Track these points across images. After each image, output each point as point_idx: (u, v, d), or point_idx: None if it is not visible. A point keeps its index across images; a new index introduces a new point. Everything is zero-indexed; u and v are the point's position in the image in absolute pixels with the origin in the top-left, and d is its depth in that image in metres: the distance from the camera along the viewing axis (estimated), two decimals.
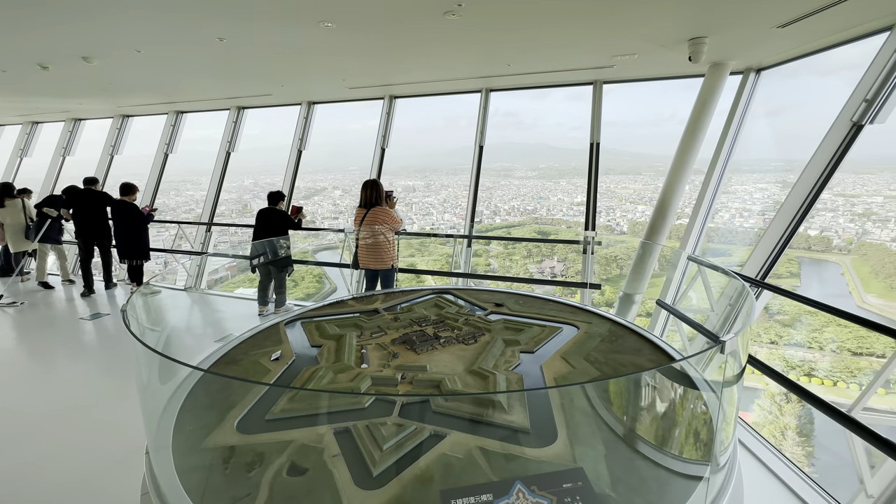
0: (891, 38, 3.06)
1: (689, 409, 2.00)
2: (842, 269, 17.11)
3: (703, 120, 4.32)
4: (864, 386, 2.30)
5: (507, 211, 22.51)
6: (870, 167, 17.52)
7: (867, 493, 2.13)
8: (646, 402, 1.94)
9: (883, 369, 2.06)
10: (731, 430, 1.84)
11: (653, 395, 1.94)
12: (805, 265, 17.54)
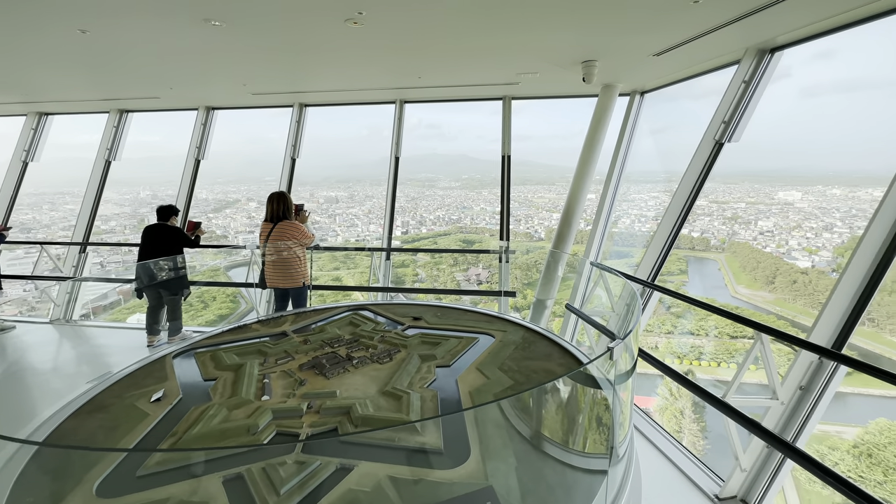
0: (738, 70, 3.62)
1: (591, 407, 2.09)
2: (718, 265, 19.92)
3: (598, 136, 4.74)
4: (739, 364, 2.62)
5: (433, 221, 22.69)
6: (734, 178, 20.75)
7: (741, 467, 2.42)
8: (553, 405, 2.00)
9: (745, 361, 2.37)
10: (627, 423, 1.95)
11: (559, 399, 2.00)
12: (691, 263, 20.16)
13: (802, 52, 3.16)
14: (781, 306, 19.78)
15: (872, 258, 2.40)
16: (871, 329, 16.88)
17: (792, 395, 2.41)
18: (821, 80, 27.91)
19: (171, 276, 4.57)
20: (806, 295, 19.12)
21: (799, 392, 2.41)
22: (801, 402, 2.40)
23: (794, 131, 29.95)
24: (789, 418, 2.43)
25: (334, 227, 20.27)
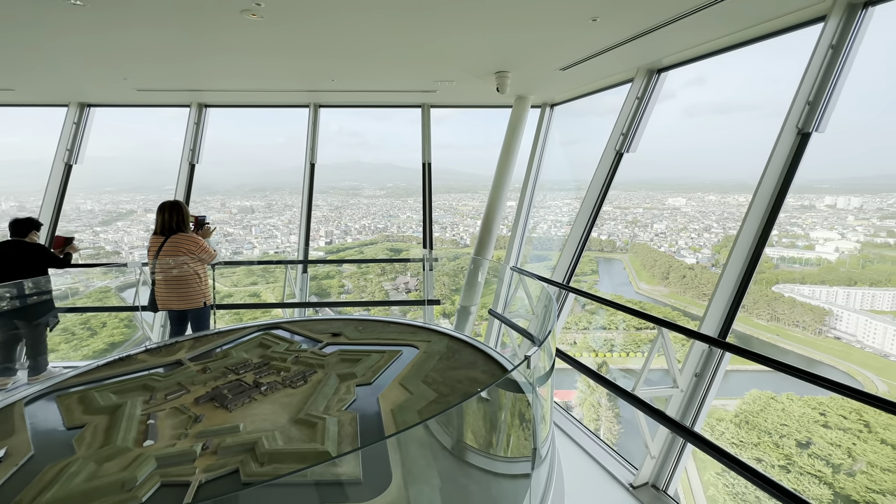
0: (632, 88, 4.00)
1: (513, 412, 2.09)
2: (623, 264, 22.06)
3: (513, 145, 4.94)
4: (645, 353, 2.82)
5: (359, 230, 22.12)
6: (633, 186, 23.21)
7: (651, 454, 2.60)
8: (476, 414, 1.95)
9: (649, 354, 2.58)
10: (548, 422, 1.97)
11: (482, 407, 1.95)
12: (601, 263, 22.12)
13: (682, 76, 3.58)
14: (675, 298, 22.54)
15: (745, 256, 2.75)
16: (742, 314, 19.87)
17: (689, 383, 2.65)
18: (698, 102, 32.68)
19: (30, 302, 3.78)
20: (693, 287, 22.07)
21: (695, 379, 2.66)
22: (696, 388, 2.66)
23: (678, 145, 34.45)
24: (688, 404, 2.67)
25: (250, 239, 18.82)
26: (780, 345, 18.66)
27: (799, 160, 2.68)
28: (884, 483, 14.34)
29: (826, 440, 15.64)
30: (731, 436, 17.99)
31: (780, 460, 16.32)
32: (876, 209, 19.65)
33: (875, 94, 26.66)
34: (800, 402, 16.14)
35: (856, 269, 18.39)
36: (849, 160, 27.07)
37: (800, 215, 21.38)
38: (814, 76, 2.63)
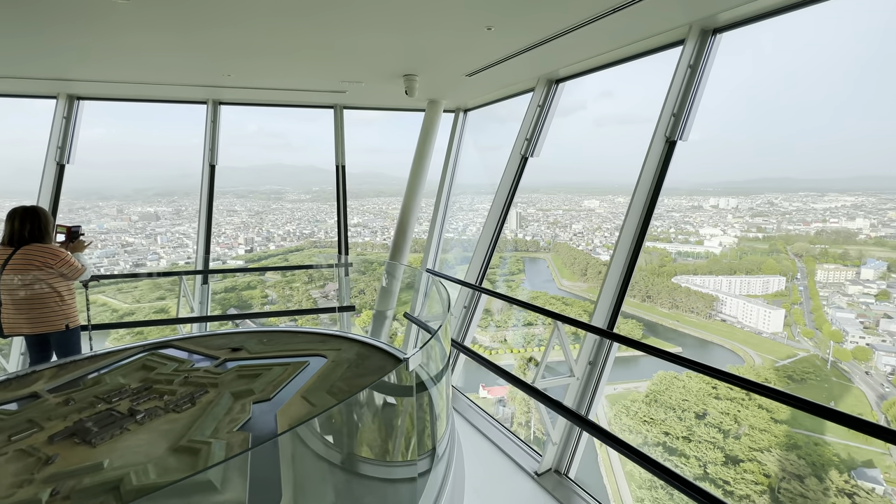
0: (534, 96, 4.26)
1: (407, 414, 2.08)
2: (546, 263, 23.41)
3: (426, 148, 5.00)
4: (543, 351, 2.98)
5: (283, 236, 21.00)
6: (553, 190, 24.76)
7: (553, 441, 2.76)
8: (367, 419, 1.91)
9: (547, 347, 2.74)
10: (444, 420, 1.99)
11: (374, 411, 1.92)
12: (527, 263, 23.31)
13: (592, 90, 3.87)
14: (594, 293, 24.47)
15: (627, 253, 3.04)
16: (648, 304, 22.09)
17: (584, 371, 2.86)
18: (606, 113, 35.82)
19: None
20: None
21: (588, 367, 2.87)
22: (590, 375, 2.87)
23: (590, 152, 37.43)
24: (584, 390, 2.88)
25: (155, 249, 16.98)
26: (679, 329, 21.01)
27: (668, 164, 3.03)
28: (761, 441, 16.68)
29: (718, 410, 17.84)
30: (643, 414, 19.84)
31: (683, 432, 18.31)
32: (748, 209, 23.01)
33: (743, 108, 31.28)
34: (697, 378, 18.29)
35: (735, 261, 21.34)
36: (726, 166, 31.35)
37: (691, 215, 24.29)
38: (677, 91, 3.00)
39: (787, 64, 30.77)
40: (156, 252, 16.48)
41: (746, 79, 31.09)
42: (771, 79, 31.62)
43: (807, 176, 24.67)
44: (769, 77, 31.58)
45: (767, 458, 16.37)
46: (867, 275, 19.76)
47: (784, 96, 29.51)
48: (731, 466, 16.16)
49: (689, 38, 3.03)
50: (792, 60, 30.95)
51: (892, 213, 20.58)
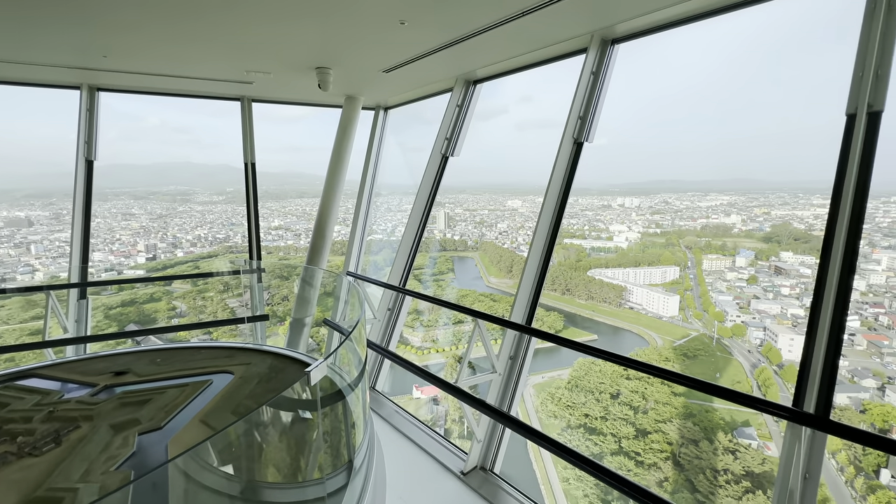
0: (452, 96, 4.28)
1: (325, 427, 1.94)
2: (475, 261, 24.06)
3: (344, 146, 4.80)
4: (465, 350, 2.99)
5: (192, 242, 19.09)
6: (479, 190, 25.52)
7: (478, 439, 2.78)
8: (273, 439, 1.74)
9: (469, 346, 2.76)
10: (360, 429, 1.88)
11: (281, 429, 1.76)
12: (456, 262, 23.79)
13: (513, 94, 3.95)
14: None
15: (541, 251, 3.17)
16: (567, 297, 23.75)
17: (505, 366, 2.92)
18: (526, 117, 37.81)
19: None
20: None
21: (510, 362, 2.94)
22: (511, 370, 2.94)
23: (513, 154, 39.32)
24: (506, 385, 2.94)
25: (28, 260, 14.59)
26: (595, 318, 22.89)
27: (576, 165, 3.22)
28: (664, 413, 18.67)
29: (629, 389, 19.65)
30: (566, 400, 21.23)
31: (600, 412, 19.91)
32: (648, 207, 25.77)
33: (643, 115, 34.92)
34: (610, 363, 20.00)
35: (639, 254, 23.76)
36: (630, 169, 34.75)
37: (602, 213, 26.59)
38: (582, 96, 3.19)
39: (679, 78, 35.00)
40: (29, 264, 14.09)
41: (646, 89, 34.78)
42: (666, 90, 35.72)
43: (693, 178, 28.21)
44: (664, 88, 35.65)
45: (669, 428, 18.39)
46: (740, 263, 23.07)
47: (677, 106, 33.52)
48: (641, 439, 17.90)
49: (591, 46, 3.25)
50: (683, 75, 35.27)
51: (757, 210, 24.23)
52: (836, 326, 1.87)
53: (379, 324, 4.08)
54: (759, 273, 21.62)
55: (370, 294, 4.24)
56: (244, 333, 4.10)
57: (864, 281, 21.40)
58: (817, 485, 1.72)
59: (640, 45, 3.30)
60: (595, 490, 17.19)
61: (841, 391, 18.00)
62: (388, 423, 3.32)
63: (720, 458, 16.48)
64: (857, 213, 1.95)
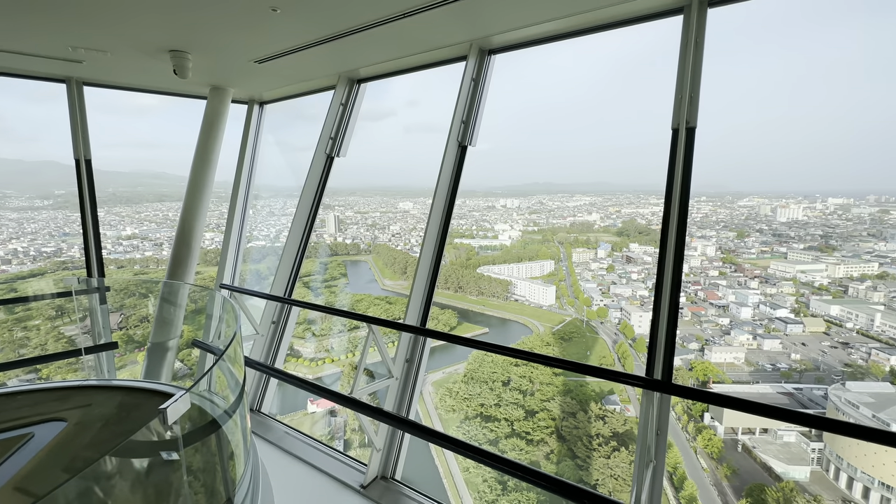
0: (336, 94, 4.10)
1: (196, 467, 1.68)
2: (368, 265, 23.60)
3: (211, 143, 4.22)
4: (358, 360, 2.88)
5: (5, 258, 15.42)
6: (370, 192, 25.14)
7: (377, 448, 2.70)
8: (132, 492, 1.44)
9: (362, 354, 2.67)
10: (242, 458, 1.68)
11: (136, 478, 1.46)
12: (349, 266, 23.06)
13: (400, 97, 3.89)
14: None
15: (432, 252, 3.22)
16: (460, 294, 24.90)
17: (402, 369, 2.89)
18: (414, 120, 38.30)
19: None
20: None
21: (406, 365, 2.92)
22: (409, 372, 2.93)
23: (402, 156, 39.56)
24: (403, 390, 2.92)
25: None
26: (486, 312, 24.39)
27: (462, 167, 3.35)
28: (548, 393, 20.68)
29: (517, 375, 21.33)
30: (463, 393, 22.13)
31: (494, 400, 21.23)
32: (526, 207, 28.40)
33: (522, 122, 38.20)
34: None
35: (521, 250, 26.05)
36: (510, 172, 37.60)
37: (488, 214, 28.47)
38: (464, 101, 3.33)
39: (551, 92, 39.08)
40: None
41: (523, 99, 38.06)
42: (540, 101, 39.65)
43: (562, 181, 31.92)
44: (539, 100, 39.52)
45: (552, 406, 20.50)
46: (601, 254, 26.81)
47: (549, 116, 37.40)
48: (530, 419, 19.60)
49: (470, 54, 3.41)
50: (554, 90, 39.46)
51: (611, 209, 28.40)
52: (673, 304, 2.26)
53: (262, 339, 3.68)
54: (615, 262, 25.47)
55: (252, 307, 3.82)
56: (87, 368, 3.29)
57: (686, 264, 26.54)
58: (666, 437, 2.06)
59: (519, 58, 3.58)
60: (493, 474, 18.29)
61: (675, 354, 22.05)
62: (277, 448, 3.02)
63: (593, 425, 18.93)
64: (683, 210, 2.39)
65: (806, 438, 17.04)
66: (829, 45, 29.31)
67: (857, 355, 19.07)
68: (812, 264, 23.15)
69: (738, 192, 29.24)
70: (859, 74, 28.18)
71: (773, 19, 29.15)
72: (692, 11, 2.55)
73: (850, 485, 15.34)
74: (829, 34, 29.34)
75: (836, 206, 25.70)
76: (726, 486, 17.00)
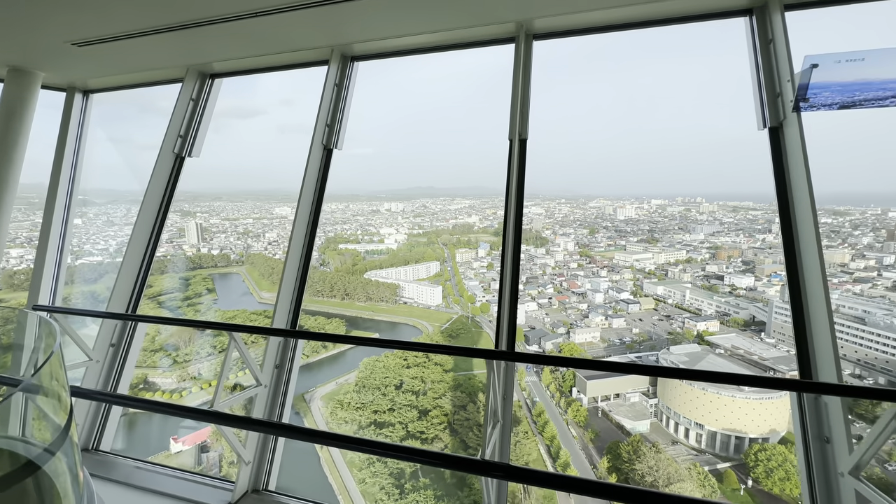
0: (184, 89, 3.74)
1: None
2: (241, 276, 21.38)
3: (12, 137, 3.42)
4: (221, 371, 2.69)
5: None
6: (239, 197, 22.80)
7: (245, 461, 2.57)
8: None
9: (224, 366, 2.51)
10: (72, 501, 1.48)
11: None
12: (217, 280, 20.55)
13: (274, 96, 3.66)
14: None
15: (299, 255, 3.19)
16: (347, 301, 24.22)
17: (272, 375, 2.80)
18: (288, 121, 36.05)
19: None
20: (309, 286, 24.57)
21: (276, 371, 2.83)
22: (279, 379, 2.85)
23: (277, 158, 36.94)
24: (274, 396, 2.83)
25: None
26: (375, 318, 24.19)
27: (328, 170, 3.37)
28: (439, 390, 21.38)
29: (409, 377, 21.61)
30: (355, 402, 21.56)
31: (387, 405, 21.15)
32: (411, 211, 29.05)
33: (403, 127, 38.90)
34: (393, 355, 21.59)
35: (407, 253, 26.52)
36: (394, 176, 37.92)
37: (372, 218, 28.31)
38: (328, 105, 3.36)
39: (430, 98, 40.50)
40: None
41: (404, 104, 38.70)
42: (419, 106, 40.81)
43: (443, 185, 33.33)
44: (419, 105, 40.61)
45: (444, 402, 21.27)
46: (482, 253, 28.74)
47: (428, 120, 38.71)
48: (424, 419, 20.05)
49: (332, 59, 3.45)
50: (433, 95, 40.97)
51: (488, 211, 30.65)
52: (513, 289, 2.67)
53: (98, 366, 3.14)
54: (494, 260, 27.64)
55: (87, 336, 3.22)
56: None
57: (552, 258, 29.86)
58: (511, 400, 2.42)
59: (396, 67, 3.73)
60: (389, 479, 18.21)
61: (547, 340, 24.63)
62: (125, 485, 2.63)
63: (482, 414, 20.19)
64: (519, 210, 2.82)
65: (646, 397, 20.84)
66: (649, 74, 37.23)
67: (675, 325, 23.95)
68: (643, 254, 28.41)
69: (589, 195, 34.51)
70: (673, 100, 35.80)
71: (604, 52, 35.70)
72: (520, 42, 3.02)
73: (675, 429, 19.19)
74: (650, 65, 36.81)
75: (657, 205, 32.05)
76: (592, 449, 19.81)
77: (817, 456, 2.09)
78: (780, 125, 2.40)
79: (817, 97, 2.07)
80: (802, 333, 2.26)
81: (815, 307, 2.18)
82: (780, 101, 2.39)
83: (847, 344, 18.83)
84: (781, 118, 2.38)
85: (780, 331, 22.25)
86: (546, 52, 3.33)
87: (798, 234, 2.19)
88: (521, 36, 3.02)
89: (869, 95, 2.01)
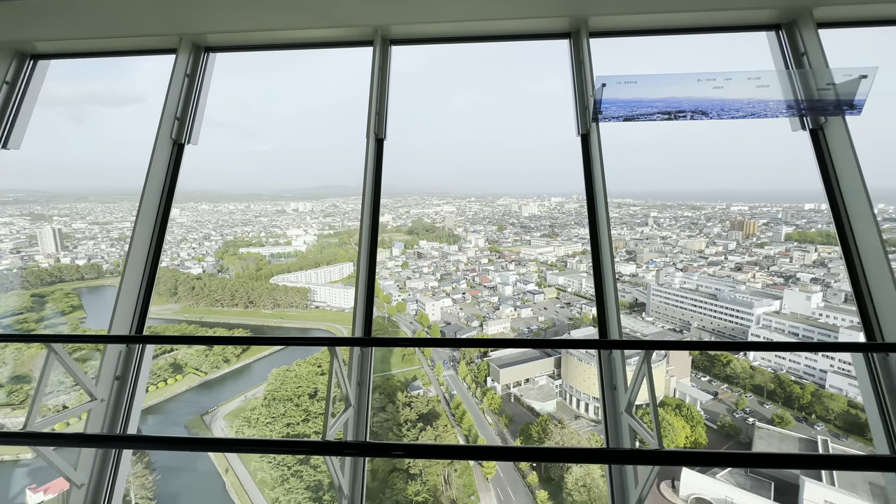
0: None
1: None
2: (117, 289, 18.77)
3: None
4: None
5: None
6: (114, 196, 19.95)
7: (76, 484, 2.34)
8: None
9: (38, 386, 2.25)
10: None
11: None
12: (85, 295, 17.71)
13: (157, 80, 3.28)
14: (189, 312, 21.93)
15: (142, 260, 2.97)
16: (252, 309, 22.57)
17: (111, 388, 2.58)
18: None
19: None
20: (206, 296, 22.34)
21: (117, 383, 2.61)
22: (121, 391, 2.63)
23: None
24: (115, 408, 2.60)
25: None
26: (284, 325, 22.90)
27: (178, 165, 3.17)
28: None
29: (324, 384, 20.81)
30: (265, 417, 20.23)
31: (301, 416, 20.17)
32: (320, 210, 28.00)
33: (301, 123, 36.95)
34: (305, 364, 20.63)
35: (318, 255, 25.51)
36: (300, 174, 36.08)
37: (277, 218, 26.71)
38: (176, 97, 3.17)
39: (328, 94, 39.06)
40: None
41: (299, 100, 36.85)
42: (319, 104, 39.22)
43: (351, 183, 32.67)
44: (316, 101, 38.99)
45: None
46: (396, 252, 28.68)
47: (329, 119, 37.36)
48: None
49: (181, 49, 3.24)
50: (331, 92, 39.60)
51: (401, 210, 30.68)
52: (370, 282, 2.81)
53: None
54: (408, 259, 27.79)
55: None
56: None
57: (464, 255, 30.84)
58: (368, 385, 2.55)
59: (291, 62, 3.58)
60: (307, 494, 17.42)
61: (462, 333, 25.48)
62: None
63: (401, 413, 20.25)
64: (376, 207, 2.96)
65: (552, 379, 22.70)
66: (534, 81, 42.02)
67: (575, 311, 26.42)
68: (545, 247, 30.87)
69: (496, 194, 36.54)
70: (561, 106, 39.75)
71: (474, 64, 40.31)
72: (377, 46, 3.16)
73: (578, 405, 21.18)
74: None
75: (556, 203, 35.07)
76: (506, 433, 21.03)
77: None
78: (588, 132, 2.86)
79: (608, 111, 2.53)
80: None
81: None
82: (588, 113, 2.85)
83: (704, 316, 22.57)
84: (589, 127, 2.84)
85: (657, 310, 25.86)
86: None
87: (598, 220, 2.65)
88: (377, 40, 3.16)
89: (642, 111, 2.52)
